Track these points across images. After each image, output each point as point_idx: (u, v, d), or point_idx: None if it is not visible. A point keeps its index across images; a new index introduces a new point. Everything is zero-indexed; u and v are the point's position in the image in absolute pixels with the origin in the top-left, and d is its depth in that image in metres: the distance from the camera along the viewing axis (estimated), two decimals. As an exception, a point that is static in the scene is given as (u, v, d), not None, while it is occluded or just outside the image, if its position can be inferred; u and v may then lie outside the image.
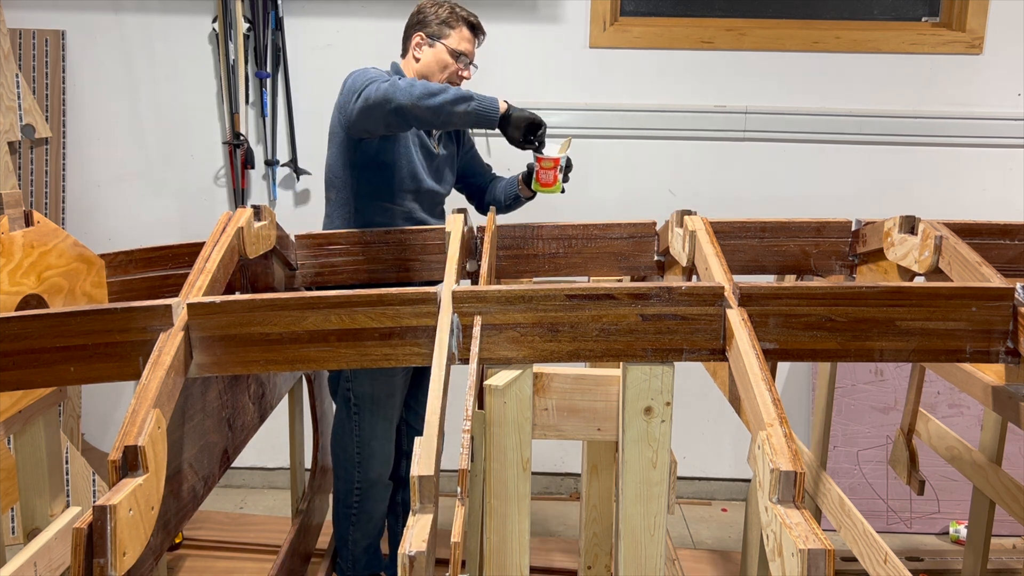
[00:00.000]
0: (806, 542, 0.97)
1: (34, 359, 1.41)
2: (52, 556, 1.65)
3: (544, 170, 2.15)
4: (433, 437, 1.15)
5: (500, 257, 2.16)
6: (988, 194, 3.12)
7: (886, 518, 3.10)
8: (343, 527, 2.42)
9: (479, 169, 2.51)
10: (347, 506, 2.40)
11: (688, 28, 3.08)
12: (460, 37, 2.21)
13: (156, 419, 1.22)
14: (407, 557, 0.99)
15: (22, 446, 1.75)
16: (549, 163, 2.14)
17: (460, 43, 2.21)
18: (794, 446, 1.11)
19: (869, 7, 3.15)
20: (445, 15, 2.21)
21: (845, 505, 2.16)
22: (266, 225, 1.94)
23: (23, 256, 1.68)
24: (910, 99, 3.07)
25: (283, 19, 3.05)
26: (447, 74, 2.22)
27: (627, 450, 1.40)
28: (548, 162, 2.14)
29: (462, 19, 2.22)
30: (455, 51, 2.21)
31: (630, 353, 1.41)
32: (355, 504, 2.39)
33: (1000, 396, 1.75)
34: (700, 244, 1.73)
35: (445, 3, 2.24)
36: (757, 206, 3.06)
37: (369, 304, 1.41)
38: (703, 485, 3.42)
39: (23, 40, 3.04)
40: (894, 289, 1.43)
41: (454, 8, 2.23)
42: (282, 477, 3.41)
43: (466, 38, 2.22)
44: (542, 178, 2.16)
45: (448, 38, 2.21)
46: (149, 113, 3.15)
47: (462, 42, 2.22)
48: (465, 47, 2.22)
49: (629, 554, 1.43)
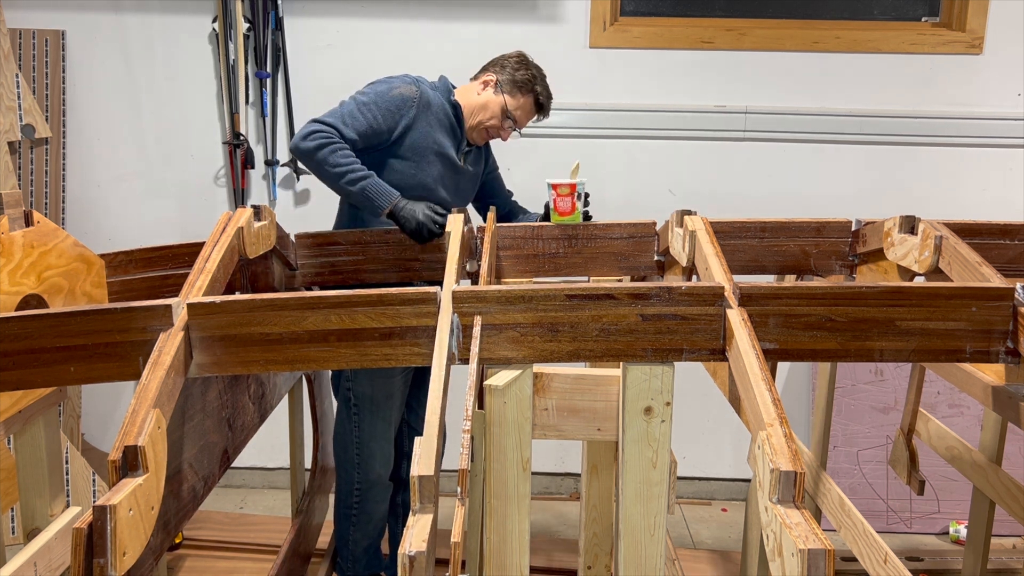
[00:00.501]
0: (806, 542, 0.97)
1: (34, 359, 1.41)
2: (52, 556, 1.65)
3: (561, 197, 2.10)
4: (433, 437, 1.16)
5: (500, 257, 2.16)
6: (988, 194, 3.12)
7: (886, 518, 3.10)
8: (343, 527, 2.43)
9: (499, 191, 2.53)
10: (347, 506, 2.40)
11: (688, 28, 3.08)
12: (521, 105, 2.27)
13: (156, 419, 1.22)
14: (407, 557, 0.99)
15: (22, 446, 1.75)
16: (565, 189, 2.09)
17: (517, 109, 2.27)
18: (794, 446, 1.11)
19: (869, 7, 3.14)
20: (522, 80, 2.26)
21: (845, 505, 2.16)
22: (266, 225, 1.94)
23: (23, 256, 1.68)
24: (910, 99, 3.07)
25: (283, 19, 3.05)
26: (489, 123, 2.28)
27: (627, 450, 1.40)
28: (564, 188, 2.10)
29: (534, 93, 2.27)
30: (510, 112, 2.27)
31: (630, 353, 1.40)
32: (355, 504, 2.39)
33: (1000, 396, 1.75)
34: (700, 244, 1.73)
35: (533, 72, 2.29)
36: (757, 206, 3.06)
37: (369, 304, 1.41)
38: (703, 485, 3.42)
39: (23, 40, 3.04)
40: (894, 289, 1.43)
41: (535, 81, 2.27)
42: (282, 477, 3.41)
43: (526, 111, 2.29)
44: (560, 206, 2.11)
45: (513, 98, 2.26)
46: (149, 113, 3.15)
47: (518, 110, 2.28)
48: (519, 115, 2.29)
49: (629, 554, 1.43)
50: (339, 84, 3.12)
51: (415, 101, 2.19)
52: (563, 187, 2.09)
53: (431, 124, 2.22)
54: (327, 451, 2.71)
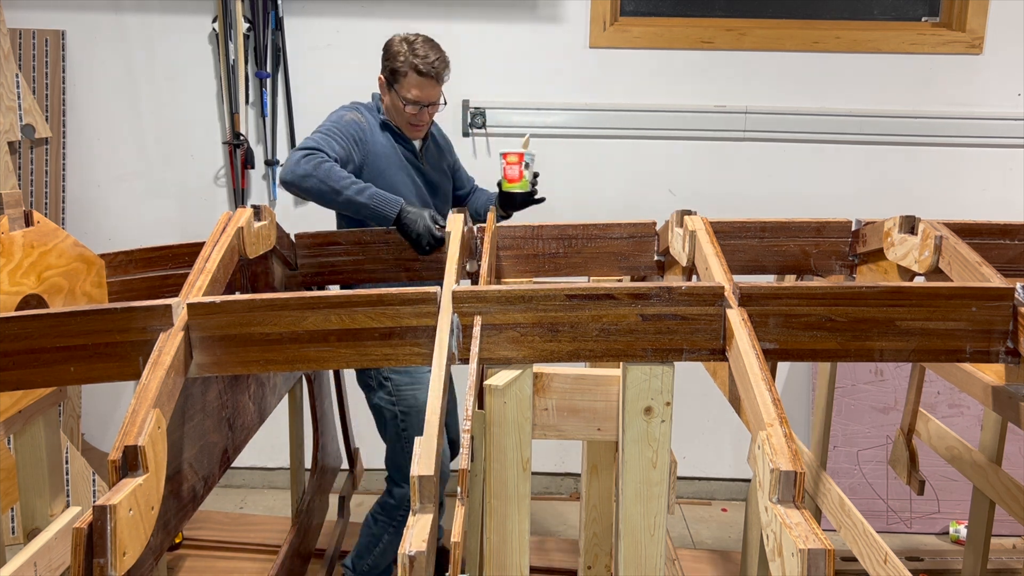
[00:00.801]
0: (806, 542, 0.97)
1: (34, 359, 1.41)
2: (52, 556, 1.65)
3: (509, 165, 2.24)
4: (433, 437, 1.16)
5: (500, 257, 2.16)
6: (988, 194, 3.12)
7: (886, 518, 3.10)
8: (380, 529, 2.43)
9: (461, 183, 2.61)
10: (391, 517, 2.42)
11: (688, 28, 3.08)
12: (411, 86, 2.23)
13: (156, 419, 1.22)
14: (407, 557, 0.99)
15: (22, 446, 1.75)
16: (514, 158, 2.23)
17: (410, 91, 2.24)
18: (794, 446, 1.11)
19: (869, 7, 3.14)
20: (394, 66, 2.24)
21: (845, 505, 2.16)
22: (266, 225, 1.94)
23: (23, 256, 1.68)
24: (910, 99, 3.07)
25: (283, 19, 3.05)
26: (406, 119, 2.29)
27: (627, 450, 1.40)
28: (513, 156, 2.23)
29: (410, 67, 2.22)
30: (407, 99, 2.25)
31: (630, 353, 1.40)
32: (400, 517, 2.42)
33: (1000, 396, 1.75)
34: (700, 244, 1.73)
35: (397, 48, 2.24)
36: (757, 206, 3.06)
37: (369, 304, 1.41)
38: (703, 485, 3.42)
39: (23, 40, 3.04)
40: (894, 289, 1.42)
41: (410, 51, 2.22)
42: (282, 477, 3.41)
43: (418, 85, 2.23)
44: (508, 173, 2.25)
45: (401, 85, 2.25)
46: (149, 113, 3.15)
47: (411, 90, 2.24)
48: (417, 95, 2.24)
49: (629, 554, 1.43)
50: (339, 84, 3.13)
51: (363, 125, 2.28)
52: (512, 155, 2.24)
53: (379, 140, 2.30)
54: (327, 451, 2.71)
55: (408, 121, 2.30)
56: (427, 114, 2.30)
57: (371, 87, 2.38)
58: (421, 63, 2.22)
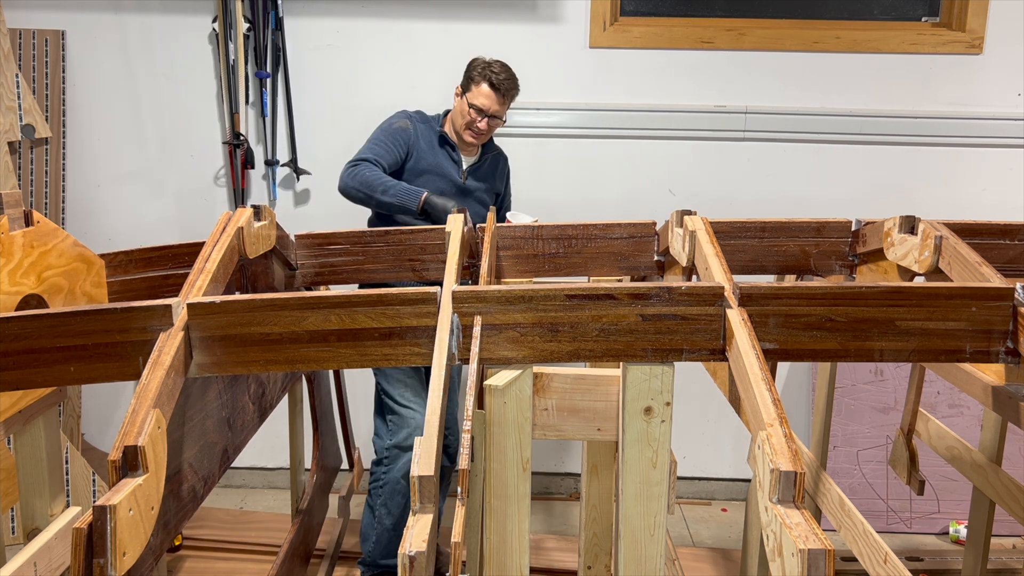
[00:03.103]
0: (806, 542, 0.97)
1: (34, 359, 1.41)
2: (52, 556, 1.65)
3: None
4: (433, 437, 1.15)
5: (500, 257, 2.16)
6: (988, 194, 3.12)
7: (886, 518, 3.10)
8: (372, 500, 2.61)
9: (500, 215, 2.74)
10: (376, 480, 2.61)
11: (688, 28, 3.08)
12: (478, 94, 2.51)
13: (156, 419, 1.22)
14: (407, 557, 0.99)
15: (22, 446, 1.75)
16: None
17: (476, 99, 2.51)
18: (794, 446, 1.11)
19: (869, 7, 3.14)
20: (472, 74, 2.53)
21: (845, 505, 2.16)
22: (266, 225, 1.94)
23: (23, 256, 1.68)
24: (910, 99, 3.07)
25: (283, 19, 3.05)
26: (464, 123, 2.53)
27: (627, 450, 1.40)
28: None
29: (485, 77, 2.50)
30: (472, 104, 2.51)
31: (630, 353, 1.40)
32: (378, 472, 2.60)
33: (1000, 396, 1.75)
34: (700, 244, 1.73)
35: (483, 62, 2.53)
36: (757, 206, 3.06)
37: (369, 304, 1.41)
38: (703, 485, 3.42)
39: (23, 40, 3.04)
40: (894, 289, 1.42)
41: (485, 67, 2.52)
42: (282, 477, 3.41)
43: (485, 95, 2.50)
44: None
45: (470, 91, 2.52)
46: (149, 113, 3.15)
47: (477, 98, 2.51)
48: (481, 103, 2.50)
49: (629, 554, 1.43)
50: (339, 84, 3.13)
51: (409, 131, 2.54)
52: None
53: (424, 149, 2.55)
54: (327, 451, 2.71)
55: (466, 125, 2.52)
56: (487, 124, 2.52)
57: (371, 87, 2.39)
58: (495, 77, 2.50)
